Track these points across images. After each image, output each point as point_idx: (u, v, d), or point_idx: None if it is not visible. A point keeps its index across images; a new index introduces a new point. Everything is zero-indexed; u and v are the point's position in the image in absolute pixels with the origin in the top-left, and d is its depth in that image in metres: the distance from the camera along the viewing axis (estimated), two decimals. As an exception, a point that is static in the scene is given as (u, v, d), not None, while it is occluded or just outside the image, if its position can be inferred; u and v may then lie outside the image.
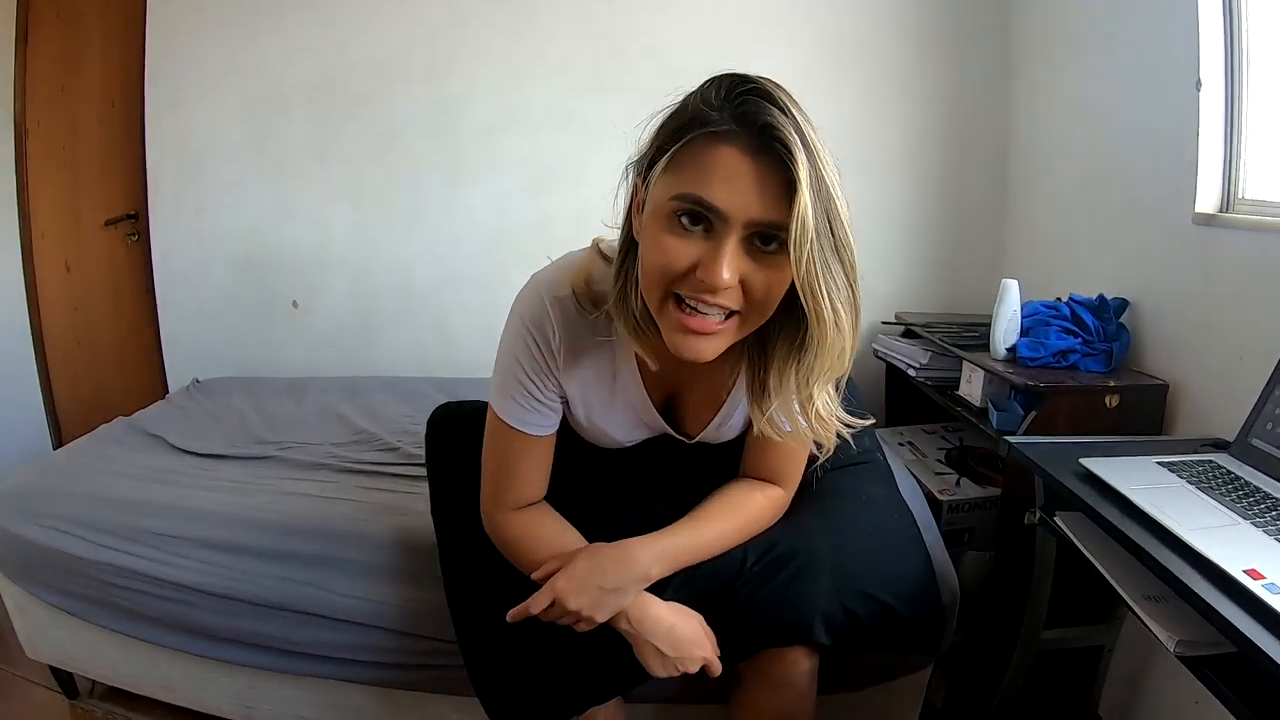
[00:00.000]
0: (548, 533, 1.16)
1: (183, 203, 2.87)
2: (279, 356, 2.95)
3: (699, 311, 0.91)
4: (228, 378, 2.78)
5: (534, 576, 1.10)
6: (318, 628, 1.55)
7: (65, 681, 2.03)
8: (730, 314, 0.92)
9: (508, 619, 1.05)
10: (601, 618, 1.07)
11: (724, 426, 1.19)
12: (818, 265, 0.86)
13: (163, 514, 1.70)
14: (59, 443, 3.00)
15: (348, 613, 1.53)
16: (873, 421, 1.10)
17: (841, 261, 0.89)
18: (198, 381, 2.71)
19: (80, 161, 3.01)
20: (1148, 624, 1.08)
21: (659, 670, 1.11)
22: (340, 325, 2.93)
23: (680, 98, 0.93)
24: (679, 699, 1.47)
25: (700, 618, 1.13)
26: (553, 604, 1.06)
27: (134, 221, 3.00)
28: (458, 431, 1.32)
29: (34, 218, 2.94)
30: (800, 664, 1.18)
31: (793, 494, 1.23)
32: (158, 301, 2.96)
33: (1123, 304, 1.83)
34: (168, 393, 2.84)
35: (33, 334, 3.02)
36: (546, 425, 1.15)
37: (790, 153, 0.84)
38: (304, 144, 2.80)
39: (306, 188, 2.83)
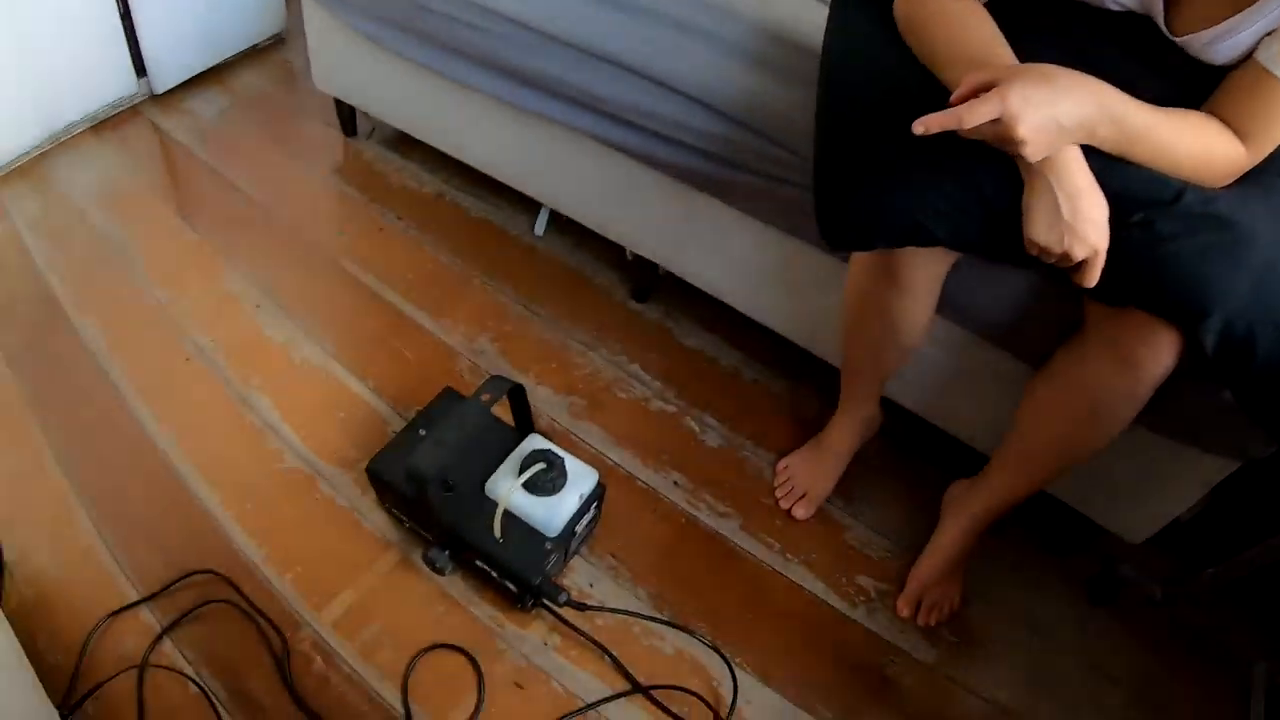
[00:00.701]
0: (974, 21, 0.95)
1: None
2: None
3: None
4: None
5: (961, 89, 0.86)
6: (644, 91, 1.33)
7: (346, 119, 2.05)
8: None
9: (916, 129, 0.83)
10: (1037, 155, 0.85)
11: (1225, 41, 0.90)
12: None
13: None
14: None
15: (685, 81, 1.29)
16: None
17: None
18: None
19: None
20: None
21: (1041, 232, 0.89)
22: None
23: None
24: (996, 334, 1.23)
25: (1108, 213, 0.89)
26: (998, 120, 0.82)
27: None
28: None
29: None
30: (1160, 355, 0.99)
31: (1254, 163, 0.94)
32: None
33: None
34: None
35: None
36: None
37: None
38: None
39: None
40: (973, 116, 0.81)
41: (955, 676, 1.23)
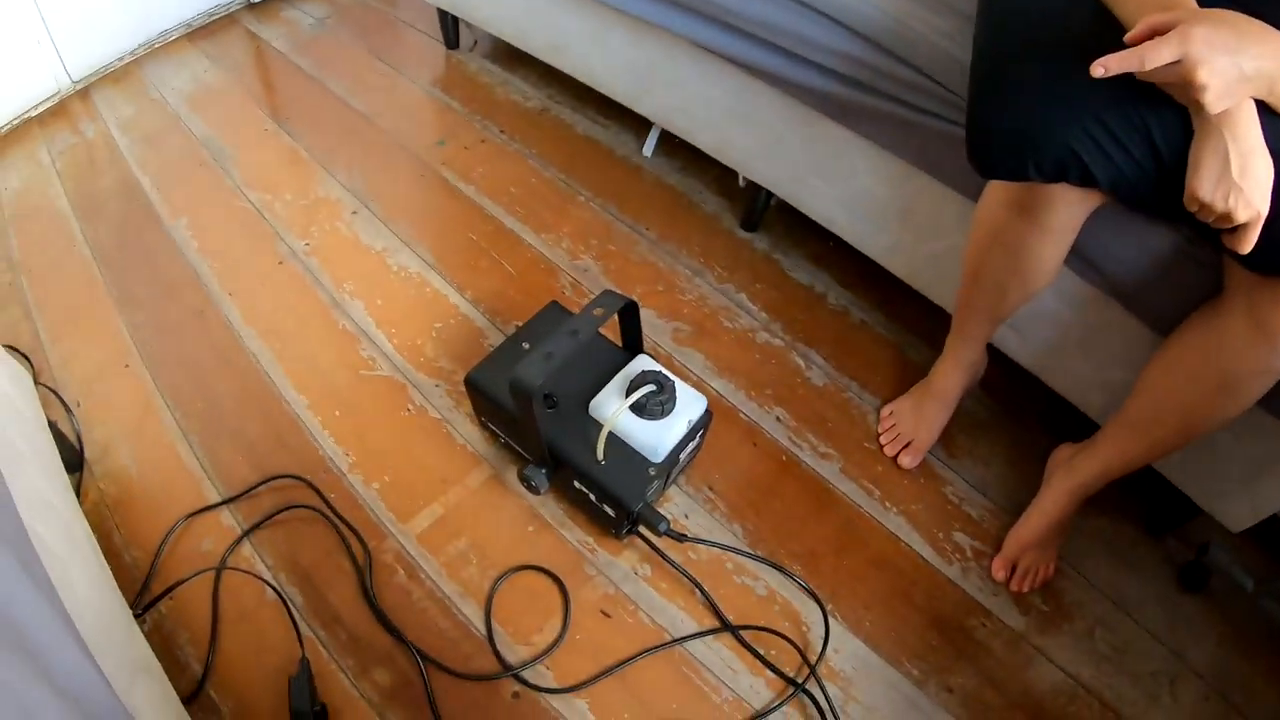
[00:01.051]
0: None
1: None
2: None
3: None
4: None
5: (1138, 29, 0.81)
6: (780, 7, 1.25)
7: (448, 31, 2.01)
8: None
9: (1095, 71, 0.78)
10: (1217, 105, 0.79)
11: None
12: None
13: None
14: None
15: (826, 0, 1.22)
16: None
17: None
18: None
19: None
20: None
21: (1206, 188, 0.83)
22: None
23: None
24: (1126, 293, 1.15)
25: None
26: (1178, 63, 0.77)
27: None
28: None
29: None
30: None
31: None
32: None
33: None
34: None
35: None
36: None
37: None
38: None
39: None
40: (1154, 57, 0.76)
41: (1041, 646, 1.18)
